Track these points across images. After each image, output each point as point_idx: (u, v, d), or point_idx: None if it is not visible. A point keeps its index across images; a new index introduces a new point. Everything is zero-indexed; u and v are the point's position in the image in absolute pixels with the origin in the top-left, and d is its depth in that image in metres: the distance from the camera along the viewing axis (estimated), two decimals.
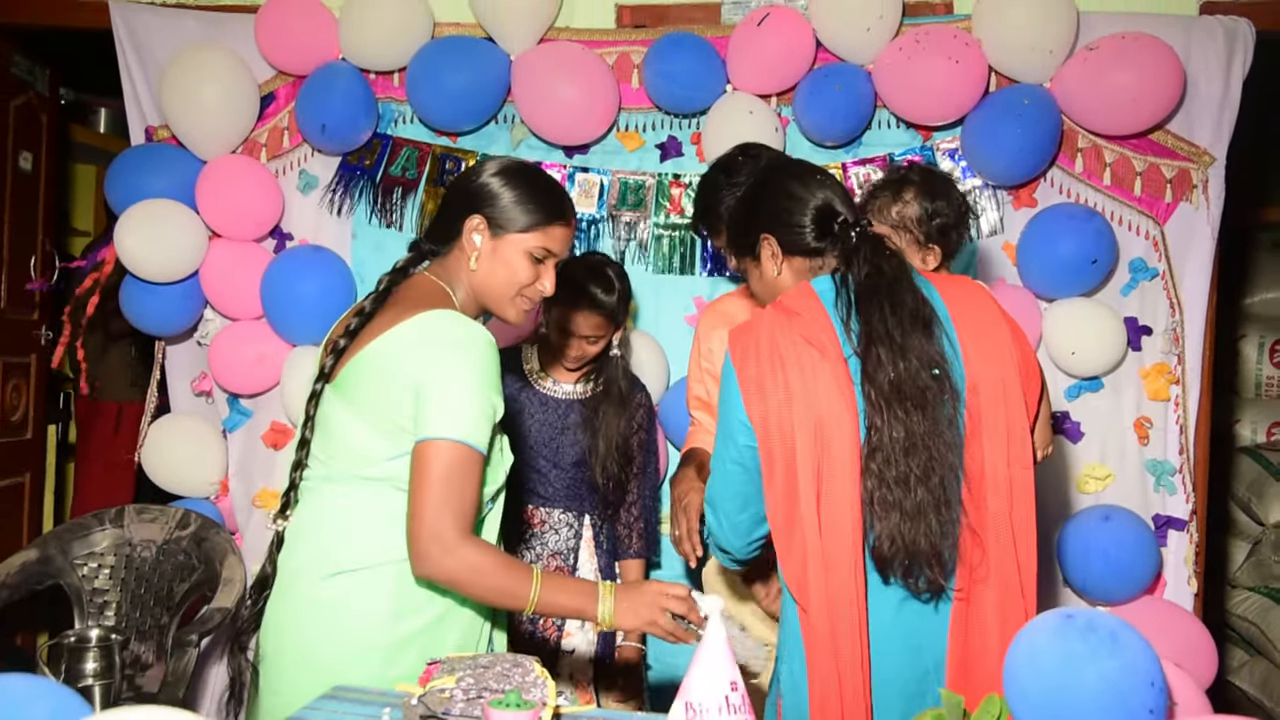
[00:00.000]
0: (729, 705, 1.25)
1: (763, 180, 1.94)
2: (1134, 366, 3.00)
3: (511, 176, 1.84)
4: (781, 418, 1.70)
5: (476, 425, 1.68)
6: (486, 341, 1.72)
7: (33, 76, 3.86)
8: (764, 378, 1.72)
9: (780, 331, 1.74)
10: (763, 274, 1.91)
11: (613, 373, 2.68)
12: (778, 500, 1.71)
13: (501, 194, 1.82)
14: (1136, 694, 1.27)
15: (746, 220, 1.92)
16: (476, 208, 1.82)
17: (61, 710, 1.04)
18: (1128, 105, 2.84)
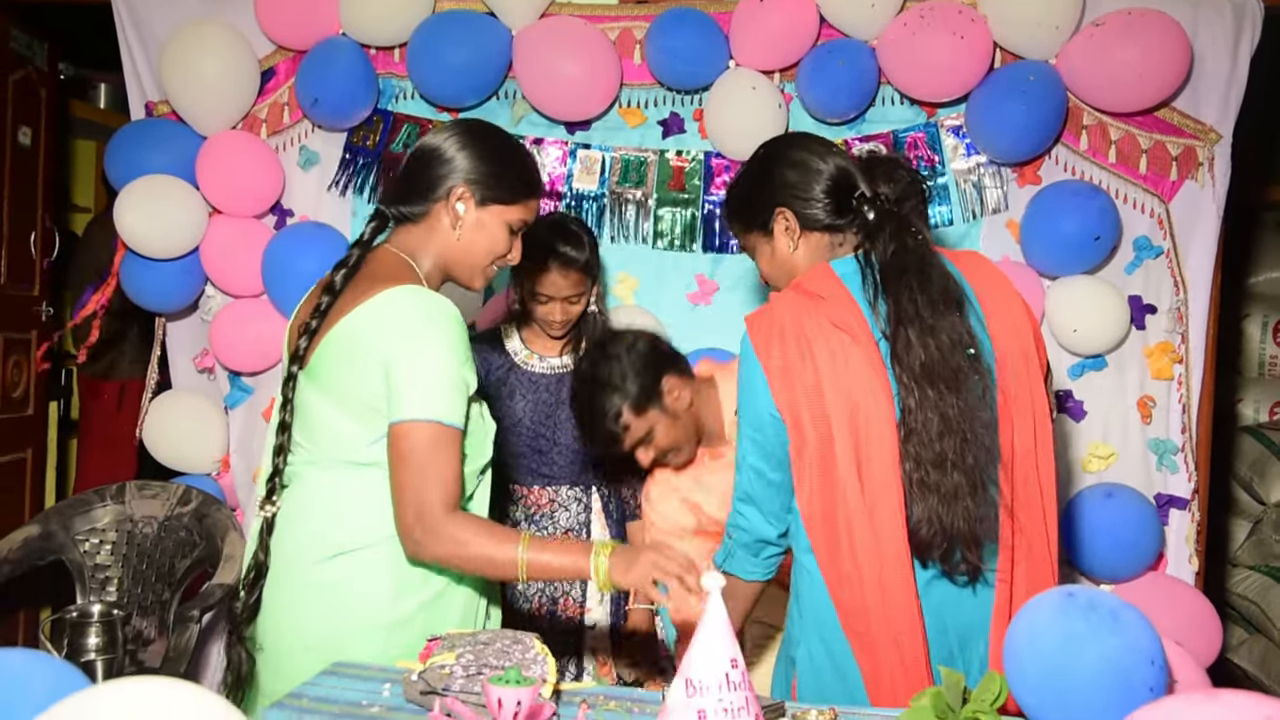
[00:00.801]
0: (729, 682, 1.25)
1: (774, 150, 1.87)
2: (1138, 345, 2.99)
3: (493, 147, 1.83)
4: (813, 404, 1.68)
5: (450, 402, 1.67)
6: (453, 315, 1.71)
7: (31, 51, 3.84)
8: (791, 364, 1.69)
9: (805, 315, 1.71)
10: (775, 251, 1.85)
11: (591, 333, 2.66)
12: (813, 488, 1.69)
13: (486, 164, 1.80)
14: (1137, 672, 1.27)
15: (757, 192, 1.85)
16: (464, 177, 1.79)
17: (62, 684, 1.04)
18: (1134, 82, 2.82)
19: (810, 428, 1.68)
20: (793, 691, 1.75)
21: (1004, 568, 1.71)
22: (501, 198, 1.81)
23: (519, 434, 2.65)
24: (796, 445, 1.70)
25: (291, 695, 1.56)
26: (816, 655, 1.73)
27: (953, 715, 1.37)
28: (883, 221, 1.76)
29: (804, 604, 1.75)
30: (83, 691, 0.94)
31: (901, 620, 1.66)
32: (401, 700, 1.55)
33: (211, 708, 0.94)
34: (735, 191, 1.93)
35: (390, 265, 1.78)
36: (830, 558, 1.69)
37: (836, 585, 1.69)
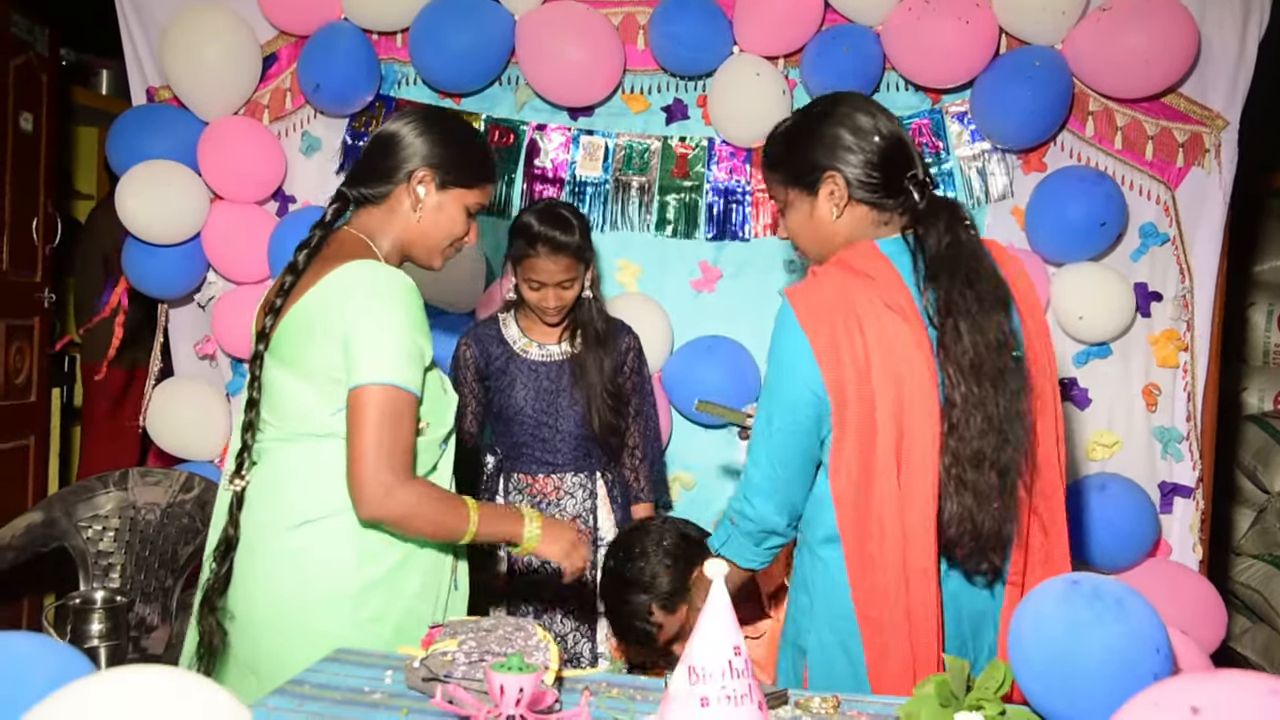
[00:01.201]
0: (732, 669, 1.24)
1: (837, 108, 1.76)
2: (1143, 333, 2.98)
3: (453, 133, 1.90)
4: (861, 384, 1.63)
5: (405, 368, 1.72)
6: (407, 286, 1.76)
7: (32, 36, 3.82)
8: (839, 341, 1.63)
9: (855, 292, 1.65)
10: (814, 214, 1.76)
11: (587, 316, 2.67)
12: (850, 471, 1.64)
13: (447, 149, 1.87)
14: (1143, 661, 1.27)
15: (810, 146, 1.75)
16: (425, 161, 1.85)
17: (66, 669, 1.04)
18: (1140, 67, 2.80)
19: (855, 407, 1.63)
20: (804, 680, 1.74)
21: (1017, 569, 1.70)
22: (460, 181, 1.88)
23: (522, 423, 2.65)
24: (838, 425, 1.64)
25: (293, 682, 1.56)
26: (829, 644, 1.71)
27: (956, 702, 1.36)
28: (937, 209, 1.71)
29: (816, 592, 1.72)
30: (85, 679, 0.94)
31: (919, 611, 1.65)
32: (404, 687, 1.55)
33: (213, 697, 0.94)
34: (784, 139, 1.81)
35: (349, 244, 1.84)
36: (858, 543, 1.65)
37: (859, 571, 1.66)
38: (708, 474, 3.16)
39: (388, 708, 1.47)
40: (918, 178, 1.72)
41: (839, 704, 1.50)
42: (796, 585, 1.79)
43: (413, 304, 1.76)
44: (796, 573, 1.79)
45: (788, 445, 1.70)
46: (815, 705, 1.50)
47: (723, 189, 3.11)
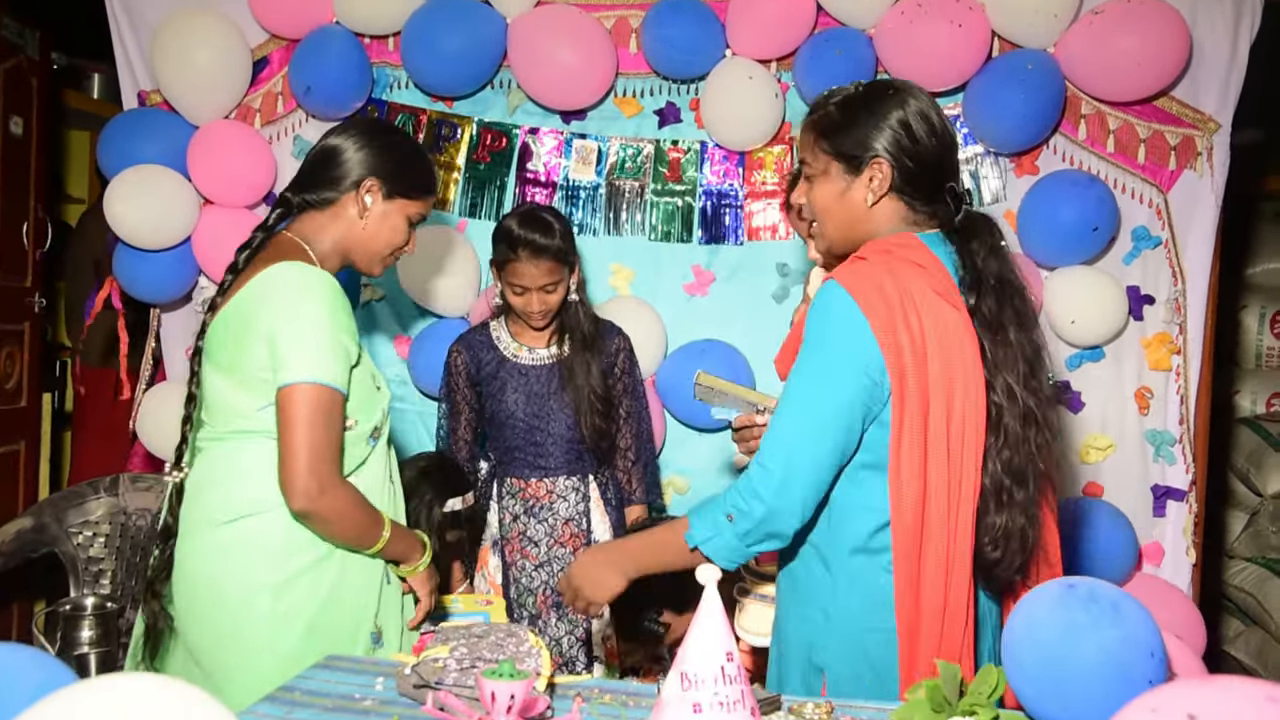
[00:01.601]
0: (725, 675, 1.24)
1: (905, 96, 1.69)
2: (1135, 336, 2.98)
3: (400, 145, 1.99)
4: (918, 371, 1.57)
5: (331, 366, 1.76)
6: (331, 285, 1.81)
7: (23, 39, 3.81)
8: (896, 323, 1.57)
9: (909, 278, 1.60)
10: (848, 194, 1.70)
11: (573, 320, 2.67)
12: (913, 463, 1.57)
13: (394, 161, 1.94)
14: (1137, 665, 1.26)
15: (868, 124, 1.67)
16: (372, 171, 1.92)
17: (48, 680, 1.03)
18: (1132, 71, 2.80)
19: (914, 395, 1.57)
20: (822, 688, 1.69)
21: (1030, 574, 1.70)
22: (405, 192, 1.95)
23: (514, 427, 2.65)
24: (898, 412, 1.57)
25: (283, 689, 1.55)
26: (853, 659, 1.65)
27: (949, 708, 1.36)
28: (977, 221, 1.69)
29: (839, 606, 1.65)
30: (74, 686, 0.93)
31: (954, 620, 1.61)
32: (395, 694, 1.54)
33: (199, 704, 0.93)
34: (842, 108, 1.71)
35: (286, 247, 1.89)
36: (906, 551, 1.58)
37: (909, 581, 1.59)
38: (702, 478, 3.15)
39: (378, 714, 1.46)
40: (955, 190, 1.70)
41: (833, 710, 1.49)
42: (803, 601, 1.71)
43: (337, 303, 1.81)
44: (803, 588, 1.71)
45: (825, 439, 1.58)
46: (809, 711, 1.49)
47: (715, 192, 3.10)
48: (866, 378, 1.57)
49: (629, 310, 3.03)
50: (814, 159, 1.73)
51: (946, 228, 1.70)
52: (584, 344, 2.66)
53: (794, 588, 1.73)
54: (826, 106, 1.73)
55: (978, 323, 1.63)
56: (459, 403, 2.69)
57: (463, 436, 2.70)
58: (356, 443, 1.87)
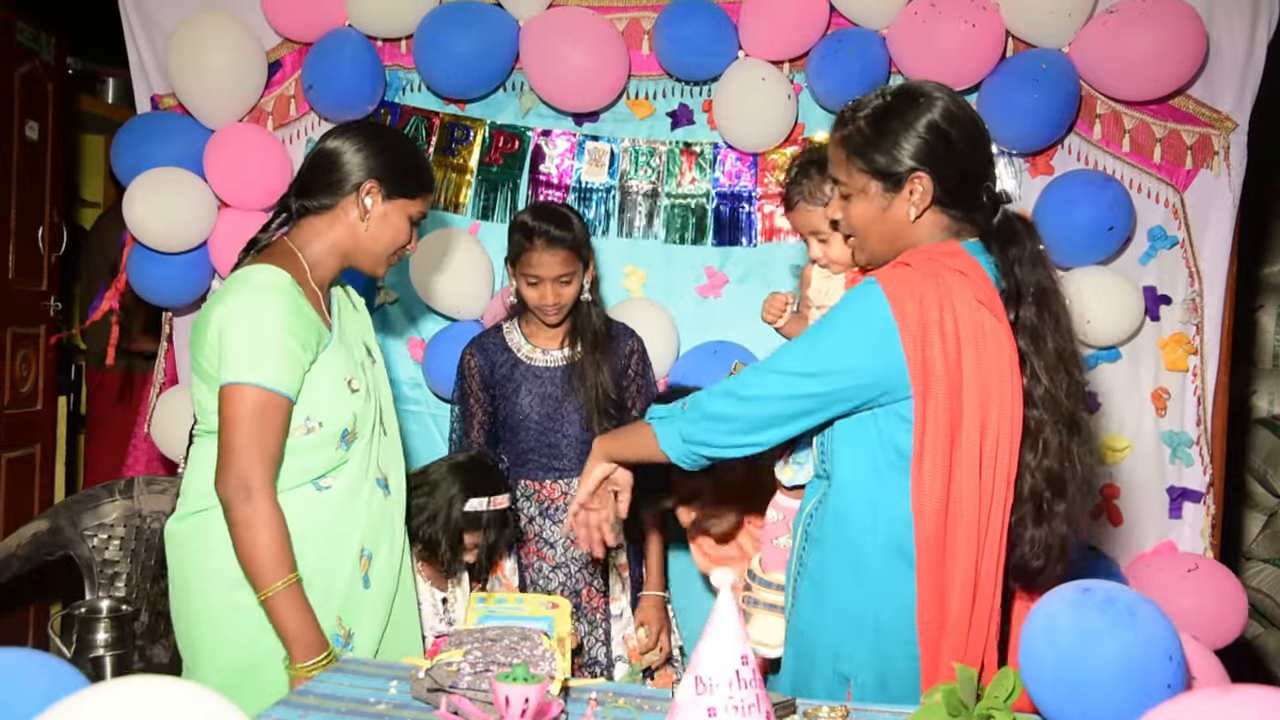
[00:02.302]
0: (740, 679, 1.23)
1: (937, 102, 1.67)
2: (1152, 337, 2.96)
3: (398, 146, 2.00)
4: (950, 381, 1.58)
5: (275, 369, 1.77)
6: (281, 286, 1.81)
7: (38, 44, 3.83)
8: (928, 320, 1.57)
9: (952, 282, 1.60)
10: (889, 210, 1.69)
11: (585, 321, 2.65)
12: (937, 465, 1.59)
13: (392, 162, 1.96)
14: (1155, 668, 1.25)
15: (903, 140, 1.65)
16: (371, 173, 1.93)
17: (60, 684, 1.03)
18: (1148, 70, 2.78)
19: (939, 404, 1.58)
20: (847, 694, 1.68)
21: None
22: (405, 192, 1.97)
23: (528, 429, 2.64)
24: (921, 415, 1.58)
25: (298, 693, 1.56)
26: (883, 670, 1.65)
27: (966, 712, 1.35)
28: (1014, 224, 1.69)
29: (869, 615, 1.66)
30: (81, 691, 0.93)
31: (980, 624, 1.63)
32: (408, 697, 1.54)
33: (213, 707, 0.93)
34: (874, 122, 1.68)
35: (276, 252, 1.92)
36: (929, 551, 1.60)
37: (930, 584, 1.60)
38: None
39: (392, 718, 1.46)
40: (992, 189, 1.69)
41: (848, 714, 1.49)
42: (831, 609, 1.71)
43: (286, 305, 1.80)
44: (832, 596, 1.71)
45: (794, 407, 1.64)
46: (824, 715, 1.48)
47: (729, 194, 3.10)
48: (864, 379, 1.60)
49: (642, 312, 3.02)
50: (849, 178, 1.71)
51: (984, 231, 1.70)
52: (596, 344, 2.64)
53: (821, 596, 1.73)
54: (856, 122, 1.70)
55: (1019, 332, 1.63)
56: (472, 405, 2.69)
57: (476, 440, 2.68)
58: (324, 445, 1.88)
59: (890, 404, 1.62)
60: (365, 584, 1.95)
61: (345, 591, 1.92)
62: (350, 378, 1.94)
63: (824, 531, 1.72)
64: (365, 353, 2.06)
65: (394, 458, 2.07)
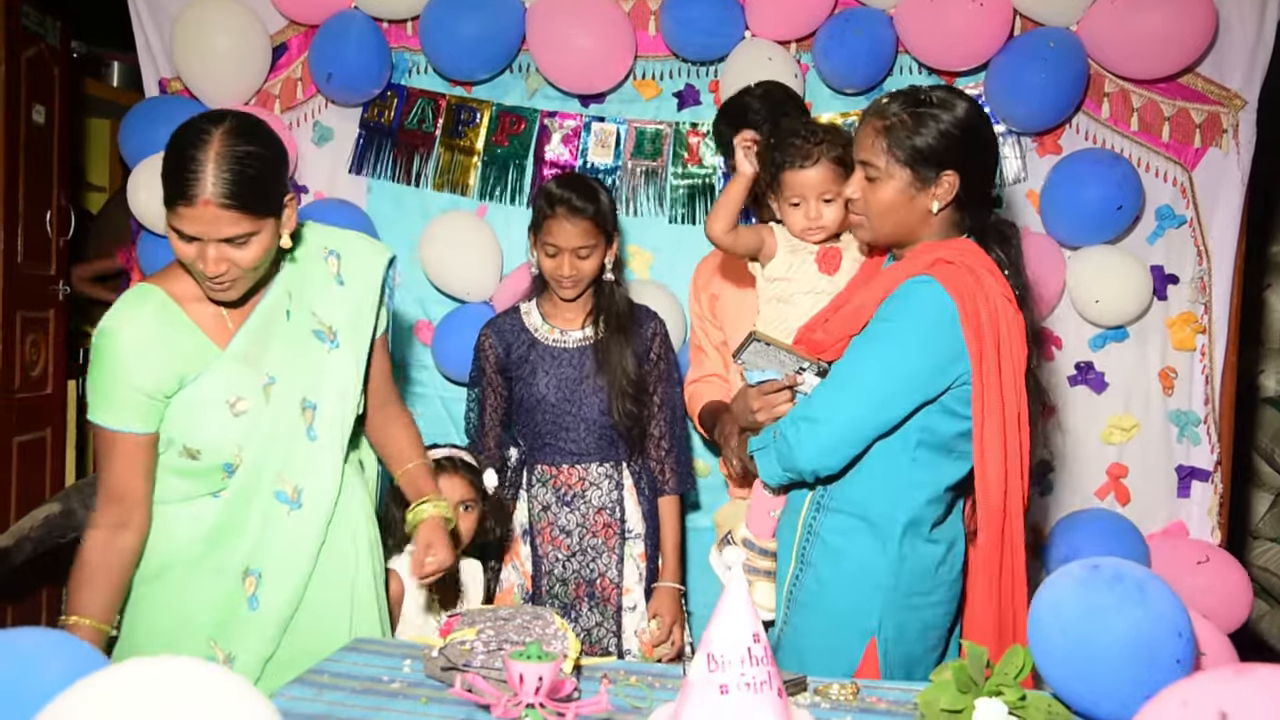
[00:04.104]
0: (751, 656, 1.24)
1: (971, 112, 1.82)
2: (1160, 316, 2.96)
3: (168, 145, 1.77)
4: (995, 364, 1.74)
5: (103, 407, 1.79)
6: (105, 329, 1.80)
7: (43, 28, 3.82)
8: (982, 322, 1.73)
9: (987, 281, 1.76)
10: (912, 202, 1.81)
11: (607, 301, 2.60)
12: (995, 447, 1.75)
13: (162, 164, 1.77)
14: (1164, 645, 1.26)
15: (941, 136, 1.78)
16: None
17: (77, 664, 1.04)
18: (1156, 48, 2.77)
19: (993, 386, 1.73)
20: (863, 664, 1.78)
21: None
22: (165, 201, 1.75)
23: (544, 412, 2.58)
24: (979, 397, 1.74)
25: (312, 671, 1.57)
26: (908, 627, 1.80)
27: (976, 689, 1.36)
28: (1006, 227, 1.87)
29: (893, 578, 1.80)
30: (105, 670, 0.94)
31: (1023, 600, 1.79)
32: (422, 676, 1.55)
33: (229, 686, 0.94)
34: (915, 117, 1.80)
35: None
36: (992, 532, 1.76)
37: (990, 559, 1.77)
38: None
39: (406, 696, 1.48)
40: (991, 196, 1.87)
41: (858, 691, 1.50)
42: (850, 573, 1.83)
43: (122, 346, 1.78)
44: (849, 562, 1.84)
45: (875, 412, 1.77)
46: (834, 692, 1.49)
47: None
48: (935, 366, 1.75)
49: (648, 293, 3.02)
50: (884, 164, 1.82)
51: (977, 230, 1.85)
52: (619, 326, 2.58)
53: (836, 559, 1.85)
54: (899, 114, 1.81)
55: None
56: (487, 389, 2.64)
57: (491, 423, 2.65)
58: (208, 472, 1.86)
59: (944, 394, 1.77)
60: (251, 605, 1.86)
61: (222, 614, 1.86)
62: (236, 399, 1.84)
63: (840, 503, 1.85)
64: (316, 339, 1.93)
65: (317, 468, 1.91)
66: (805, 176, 2.11)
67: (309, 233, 1.99)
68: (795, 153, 2.10)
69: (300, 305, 1.93)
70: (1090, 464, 2.98)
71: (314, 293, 1.95)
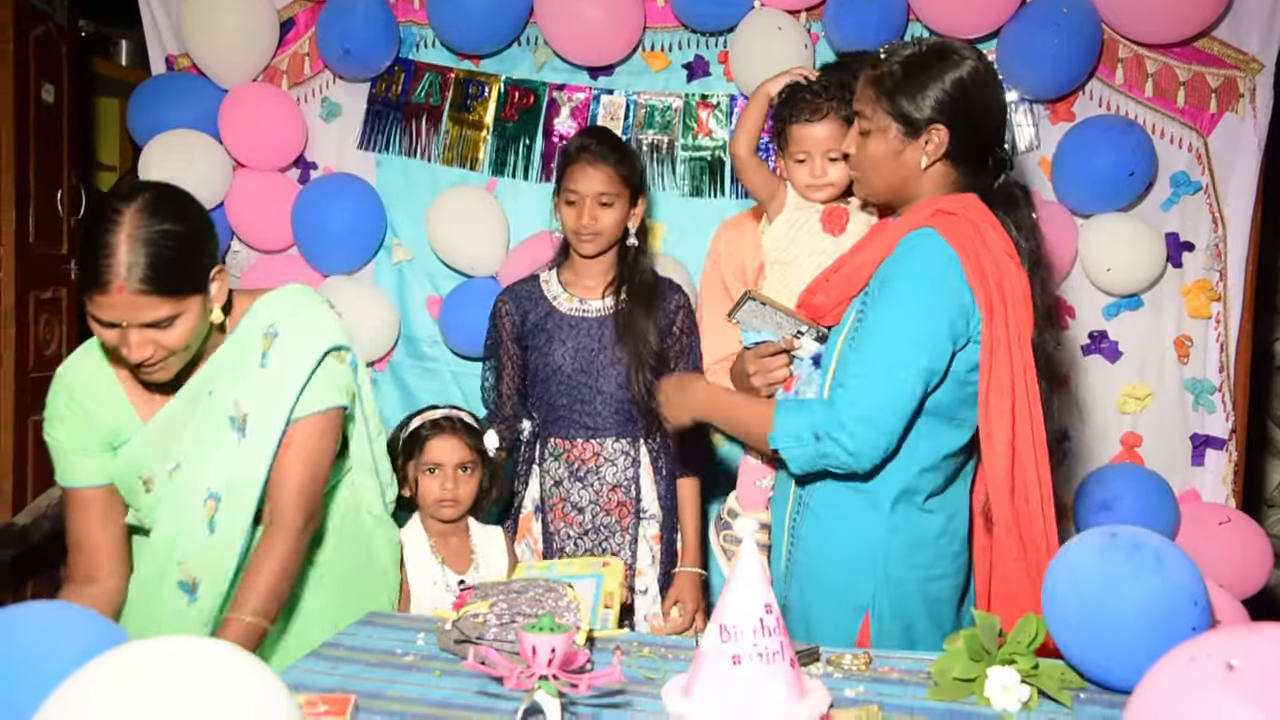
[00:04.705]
0: (763, 627, 1.24)
1: (965, 64, 1.74)
2: (1174, 283, 2.93)
3: (81, 227, 1.77)
4: (1003, 320, 1.68)
5: (54, 457, 1.86)
6: (62, 384, 1.85)
7: (51, 6, 3.81)
8: (987, 273, 1.67)
9: (989, 235, 1.70)
10: (901, 155, 1.76)
11: (629, 269, 2.52)
12: (1002, 409, 1.69)
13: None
14: (1180, 613, 1.26)
15: (929, 90, 1.73)
16: None
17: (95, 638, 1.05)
18: (1171, 11, 2.74)
19: (1001, 342, 1.67)
20: (861, 636, 1.75)
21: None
22: (79, 288, 1.68)
23: (560, 382, 2.50)
24: (988, 346, 1.67)
25: (327, 645, 1.58)
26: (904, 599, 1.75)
27: (989, 657, 1.36)
28: (1015, 191, 1.80)
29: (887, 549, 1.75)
30: (118, 648, 0.95)
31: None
32: (436, 649, 1.56)
33: (244, 666, 0.94)
34: (904, 69, 1.75)
35: None
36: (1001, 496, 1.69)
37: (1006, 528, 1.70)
38: None
39: (420, 669, 1.48)
40: (999, 155, 1.78)
41: (870, 660, 1.50)
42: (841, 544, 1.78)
43: (55, 403, 1.85)
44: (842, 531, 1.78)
45: (913, 367, 1.67)
46: (847, 662, 1.50)
47: None
48: (957, 310, 1.67)
49: (661, 267, 3.01)
50: (872, 114, 1.78)
51: (986, 192, 1.78)
52: (642, 295, 2.50)
53: (827, 532, 1.79)
54: (891, 65, 1.77)
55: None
56: (503, 358, 2.57)
57: (506, 393, 2.57)
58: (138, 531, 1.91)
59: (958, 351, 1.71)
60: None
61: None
62: (149, 476, 1.81)
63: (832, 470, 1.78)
64: (230, 426, 1.78)
65: (216, 562, 1.76)
66: (811, 132, 2.08)
67: (260, 307, 1.82)
68: (804, 107, 2.08)
69: (225, 387, 1.79)
70: (1105, 433, 2.97)
71: (240, 374, 1.79)
